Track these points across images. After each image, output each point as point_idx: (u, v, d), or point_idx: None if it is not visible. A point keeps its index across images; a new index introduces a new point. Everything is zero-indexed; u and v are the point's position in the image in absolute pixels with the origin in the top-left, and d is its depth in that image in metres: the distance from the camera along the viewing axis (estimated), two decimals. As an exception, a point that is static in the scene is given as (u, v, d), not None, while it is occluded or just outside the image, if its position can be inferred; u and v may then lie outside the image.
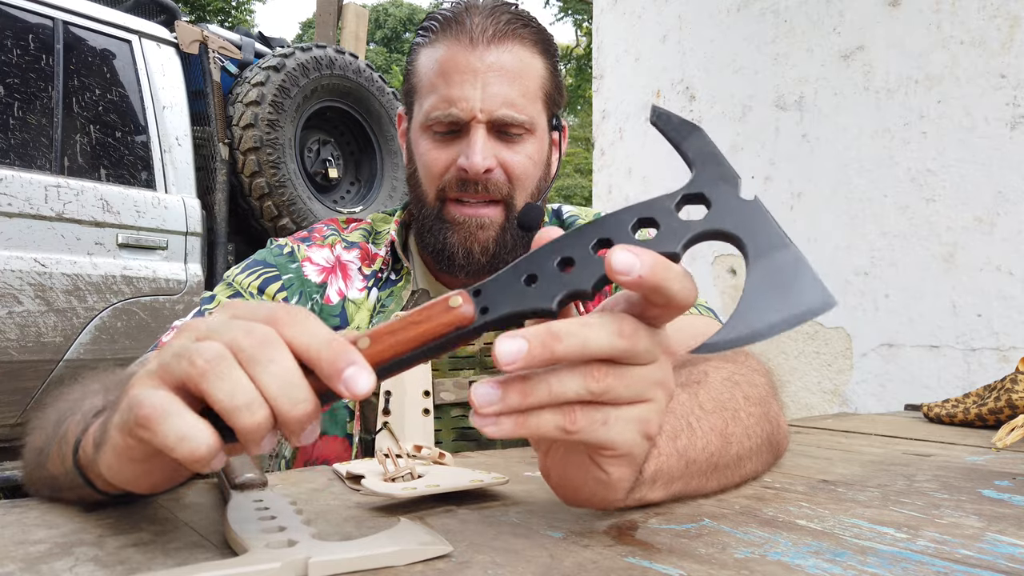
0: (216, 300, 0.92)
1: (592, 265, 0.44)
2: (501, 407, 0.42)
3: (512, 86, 0.91)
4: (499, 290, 0.45)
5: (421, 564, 0.42)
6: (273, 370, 0.39)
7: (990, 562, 0.44)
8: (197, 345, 0.40)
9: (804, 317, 0.44)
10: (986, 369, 1.93)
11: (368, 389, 0.40)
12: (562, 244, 0.45)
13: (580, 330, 0.42)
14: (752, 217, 0.45)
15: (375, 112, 4.17)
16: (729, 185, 0.46)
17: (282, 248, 1.00)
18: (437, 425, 0.93)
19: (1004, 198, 1.93)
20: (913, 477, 0.71)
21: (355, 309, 0.98)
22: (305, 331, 0.40)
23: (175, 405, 0.39)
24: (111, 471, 0.45)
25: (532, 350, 0.41)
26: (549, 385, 0.42)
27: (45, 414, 0.61)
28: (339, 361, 0.40)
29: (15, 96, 2.91)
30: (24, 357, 2.78)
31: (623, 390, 0.44)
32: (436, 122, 0.92)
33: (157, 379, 0.40)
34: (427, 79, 0.94)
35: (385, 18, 32.49)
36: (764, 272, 0.44)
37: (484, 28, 0.91)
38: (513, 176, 0.93)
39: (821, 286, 0.44)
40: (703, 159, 0.47)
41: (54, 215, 2.88)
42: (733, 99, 2.58)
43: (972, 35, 1.99)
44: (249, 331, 0.40)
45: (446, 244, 0.94)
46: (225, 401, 0.38)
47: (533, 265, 0.45)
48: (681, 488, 0.56)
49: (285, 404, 0.39)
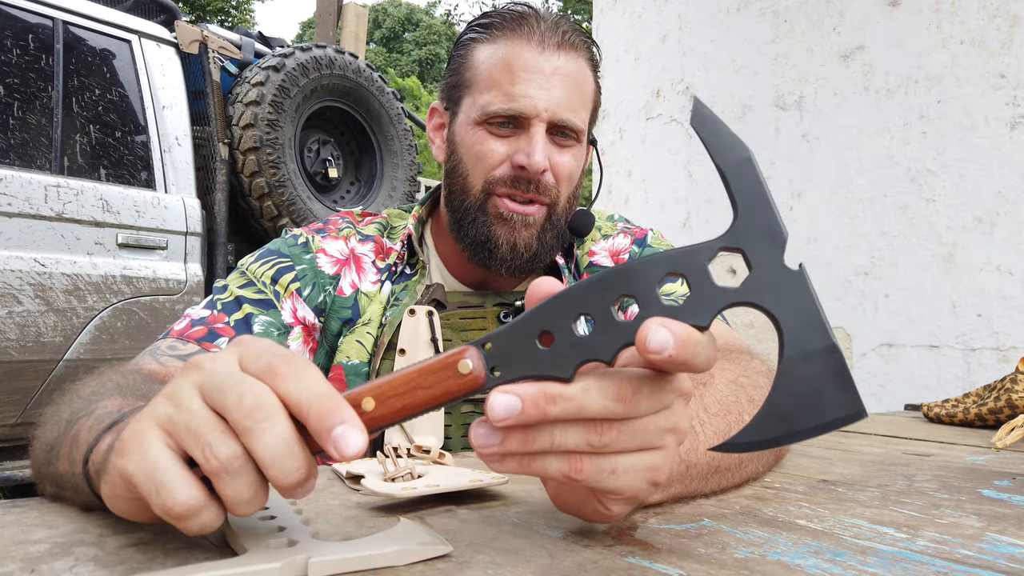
0: (228, 289, 0.92)
1: (615, 332, 0.41)
2: (501, 451, 0.42)
3: (573, 92, 0.93)
4: (511, 348, 0.42)
5: (421, 564, 0.42)
6: (266, 441, 0.38)
7: (990, 562, 0.44)
8: (192, 406, 0.39)
9: (834, 427, 0.41)
10: (986, 369, 1.93)
11: (358, 451, 0.39)
12: (582, 297, 0.42)
13: (577, 395, 0.41)
14: (795, 296, 0.41)
15: (375, 112, 4.17)
16: (775, 247, 0.41)
17: (296, 238, 1.00)
18: (447, 420, 0.93)
19: (1004, 198, 1.93)
20: (913, 477, 0.71)
21: (367, 301, 0.98)
22: (301, 386, 0.39)
23: (166, 459, 0.39)
24: (110, 502, 0.45)
25: (526, 410, 0.40)
26: (552, 435, 0.41)
27: (58, 408, 0.61)
28: (329, 419, 0.38)
29: (15, 96, 2.91)
30: (24, 357, 2.78)
31: (628, 441, 0.42)
32: (496, 116, 0.92)
33: (155, 427, 0.40)
34: (487, 74, 0.94)
35: (385, 18, 32.49)
36: (799, 372, 0.41)
37: (553, 33, 0.93)
38: (560, 178, 0.94)
39: (856, 395, 0.41)
40: (750, 202, 0.42)
41: (54, 215, 2.88)
42: (733, 99, 2.58)
43: (972, 35, 1.99)
44: (243, 395, 0.39)
45: (490, 236, 0.94)
46: (207, 466, 0.38)
47: (549, 321, 0.42)
48: (680, 490, 0.56)
49: (278, 474, 0.38)
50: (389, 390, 0.42)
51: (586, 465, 0.42)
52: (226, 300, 0.90)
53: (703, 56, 2.72)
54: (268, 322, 0.90)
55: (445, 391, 0.42)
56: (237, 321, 0.88)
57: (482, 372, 0.42)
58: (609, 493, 0.44)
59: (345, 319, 0.96)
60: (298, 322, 0.93)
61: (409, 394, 0.42)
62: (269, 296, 0.92)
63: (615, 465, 0.42)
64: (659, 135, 2.94)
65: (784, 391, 0.41)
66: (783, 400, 0.41)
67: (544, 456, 0.42)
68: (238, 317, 0.89)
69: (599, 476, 0.42)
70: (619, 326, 0.41)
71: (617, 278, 0.42)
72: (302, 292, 0.95)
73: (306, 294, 0.95)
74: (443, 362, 0.42)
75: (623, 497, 0.44)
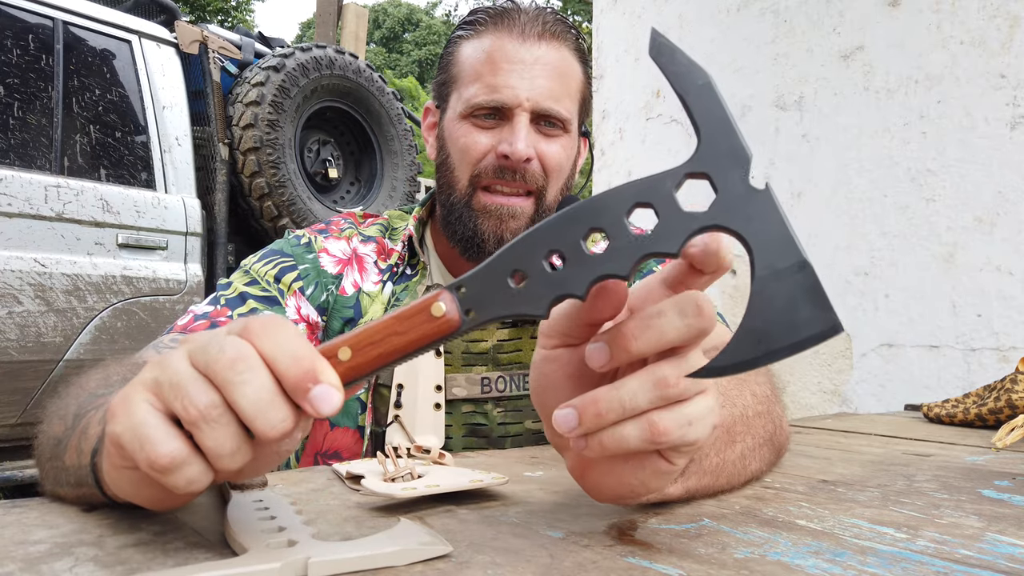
0: (233, 286, 0.93)
1: (586, 266, 0.41)
2: (582, 430, 0.43)
3: (557, 82, 0.94)
4: (484, 288, 0.42)
5: (421, 564, 0.42)
6: (247, 392, 0.38)
7: (990, 562, 0.44)
8: (178, 366, 0.40)
9: (810, 343, 0.41)
10: (986, 369, 1.93)
11: (333, 409, 0.39)
12: (551, 233, 0.42)
13: (619, 395, 0.42)
14: (763, 215, 0.41)
15: (375, 112, 4.17)
16: (739, 167, 0.41)
17: (299, 239, 1.01)
18: (448, 420, 0.93)
19: (1004, 198, 1.93)
20: (913, 477, 0.71)
21: (369, 301, 0.98)
22: (276, 344, 0.39)
23: (151, 416, 0.39)
24: (109, 478, 0.45)
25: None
26: (620, 398, 0.42)
27: (64, 402, 0.61)
28: (305, 379, 0.39)
29: (15, 96, 2.91)
30: (24, 357, 2.78)
31: (690, 385, 0.43)
32: (479, 107, 0.93)
33: (143, 389, 0.40)
34: (472, 68, 0.95)
35: (385, 18, 32.48)
36: (772, 290, 0.41)
37: (534, 24, 0.94)
38: (549, 168, 0.94)
39: (830, 310, 0.41)
40: (712, 126, 0.41)
41: (54, 215, 2.88)
42: (733, 99, 2.58)
43: (972, 35, 1.99)
44: (222, 348, 0.39)
45: (477, 231, 0.94)
46: (186, 416, 0.38)
47: (520, 258, 0.42)
48: (695, 484, 0.56)
49: (263, 425, 0.38)
50: (365, 338, 0.42)
51: (666, 422, 0.42)
52: (230, 296, 0.91)
53: (703, 56, 2.72)
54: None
55: (421, 335, 0.42)
56: (241, 315, 0.89)
57: (456, 315, 0.42)
58: (683, 446, 0.44)
59: (347, 318, 0.97)
60: (302, 319, 0.94)
61: (385, 341, 0.42)
62: (273, 294, 0.93)
63: (690, 416, 0.43)
64: (659, 135, 2.94)
65: (758, 311, 0.41)
66: (757, 320, 0.41)
67: (620, 428, 0.43)
68: (242, 311, 0.89)
69: (681, 431, 0.43)
70: (590, 260, 0.41)
71: (584, 211, 0.42)
72: (305, 291, 0.95)
73: (309, 293, 0.95)
74: (417, 307, 0.42)
75: (694, 447, 0.45)
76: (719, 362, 0.42)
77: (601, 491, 0.49)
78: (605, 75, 3.33)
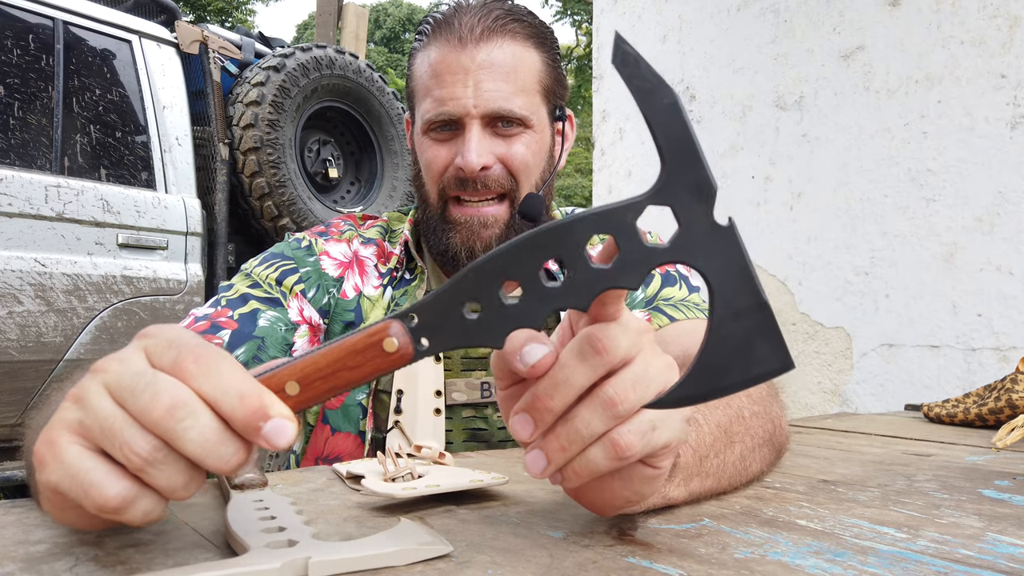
0: (234, 288, 0.93)
1: (544, 300, 0.41)
2: (552, 468, 0.43)
3: (505, 81, 0.92)
4: (438, 317, 0.41)
5: (421, 564, 0.42)
6: (193, 437, 0.36)
7: (990, 562, 0.44)
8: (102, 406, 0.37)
9: (762, 379, 0.42)
10: (986, 369, 1.93)
11: (289, 441, 0.38)
12: (507, 263, 0.40)
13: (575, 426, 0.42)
14: (725, 252, 0.40)
15: (375, 112, 4.17)
16: (704, 202, 0.40)
17: (300, 242, 1.01)
18: (448, 425, 0.93)
19: (1004, 198, 1.93)
20: (913, 477, 0.71)
21: (370, 306, 0.98)
22: (215, 385, 0.37)
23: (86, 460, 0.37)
24: (57, 516, 0.43)
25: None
26: (576, 426, 0.42)
27: (46, 412, 0.61)
28: (254, 418, 0.37)
29: (15, 96, 2.91)
30: (24, 357, 2.78)
31: (644, 391, 0.42)
32: (432, 123, 0.93)
33: (68, 432, 0.38)
34: (422, 83, 0.95)
35: (385, 18, 32.48)
36: (729, 329, 0.41)
37: (472, 27, 0.92)
38: (514, 170, 0.94)
39: (784, 349, 0.41)
40: (677, 153, 0.39)
41: (54, 215, 2.88)
42: (733, 99, 2.58)
43: (972, 35, 1.99)
44: (156, 395, 0.36)
45: (449, 245, 0.95)
46: (130, 464, 0.37)
47: (475, 287, 0.41)
48: (698, 486, 0.56)
49: (216, 463, 0.37)
50: (314, 372, 0.41)
51: (626, 437, 0.42)
52: (231, 297, 0.91)
53: (703, 56, 2.72)
54: (275, 317, 0.90)
55: (372, 370, 0.41)
56: (242, 315, 0.89)
57: (409, 348, 0.41)
58: (657, 451, 0.44)
59: (348, 322, 0.97)
60: (304, 321, 0.93)
61: (335, 376, 0.41)
62: (276, 295, 0.93)
63: (651, 421, 0.43)
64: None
65: (715, 348, 0.41)
66: (715, 356, 0.41)
67: (586, 454, 0.43)
68: (244, 311, 0.89)
69: (644, 440, 0.43)
70: (548, 293, 0.41)
71: (542, 239, 0.40)
72: (306, 293, 0.95)
73: (311, 295, 0.95)
74: (366, 341, 0.41)
75: (670, 448, 0.45)
76: (674, 394, 0.42)
77: (601, 507, 0.49)
78: (605, 75, 3.33)
